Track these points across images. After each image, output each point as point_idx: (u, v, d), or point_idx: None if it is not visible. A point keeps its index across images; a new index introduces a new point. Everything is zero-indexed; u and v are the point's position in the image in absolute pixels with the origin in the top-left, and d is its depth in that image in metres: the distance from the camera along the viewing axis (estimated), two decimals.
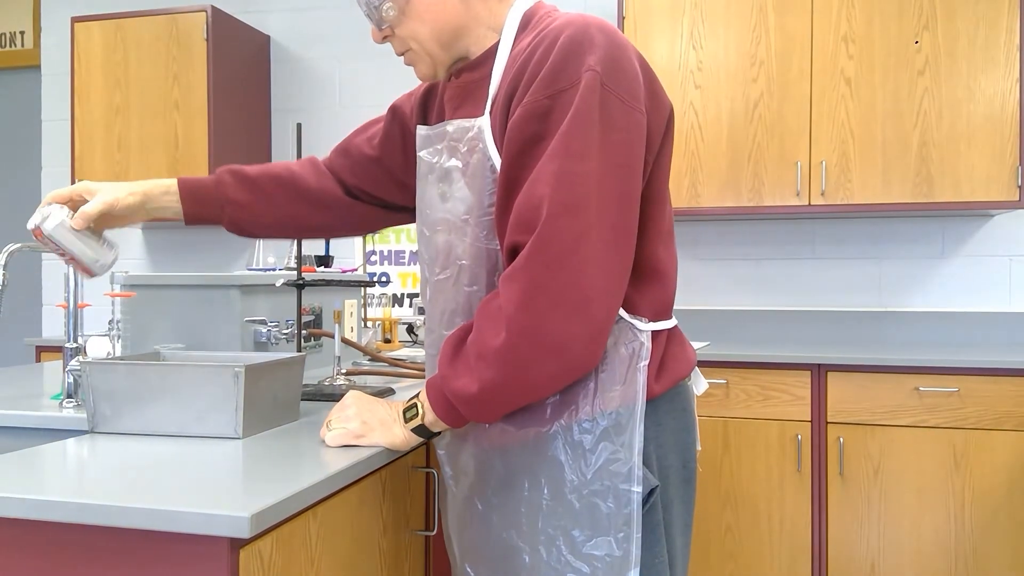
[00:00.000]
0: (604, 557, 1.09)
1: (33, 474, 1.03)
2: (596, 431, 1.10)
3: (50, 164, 4.24)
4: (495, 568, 1.18)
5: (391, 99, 3.80)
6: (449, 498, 1.28)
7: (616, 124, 1.05)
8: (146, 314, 1.83)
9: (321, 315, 2.19)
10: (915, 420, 2.73)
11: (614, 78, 1.06)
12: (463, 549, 1.25)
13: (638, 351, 1.12)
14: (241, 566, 0.89)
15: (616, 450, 1.10)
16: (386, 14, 1.20)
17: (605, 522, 1.09)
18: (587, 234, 1.02)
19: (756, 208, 3.12)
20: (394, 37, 1.23)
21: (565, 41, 1.06)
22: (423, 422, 1.15)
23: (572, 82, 1.05)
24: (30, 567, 0.94)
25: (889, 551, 2.76)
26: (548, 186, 1.02)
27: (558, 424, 1.12)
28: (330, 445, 1.18)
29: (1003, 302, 3.28)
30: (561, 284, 1.01)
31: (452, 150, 1.20)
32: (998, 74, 2.94)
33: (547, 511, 1.12)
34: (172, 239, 4.11)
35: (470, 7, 1.19)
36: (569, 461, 1.11)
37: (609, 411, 1.10)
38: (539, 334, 1.01)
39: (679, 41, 3.17)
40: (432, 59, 1.23)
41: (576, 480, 1.11)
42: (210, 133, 3.57)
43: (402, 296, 3.73)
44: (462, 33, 1.20)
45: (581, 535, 1.10)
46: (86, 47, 3.70)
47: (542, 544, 1.12)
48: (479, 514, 1.20)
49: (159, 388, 1.27)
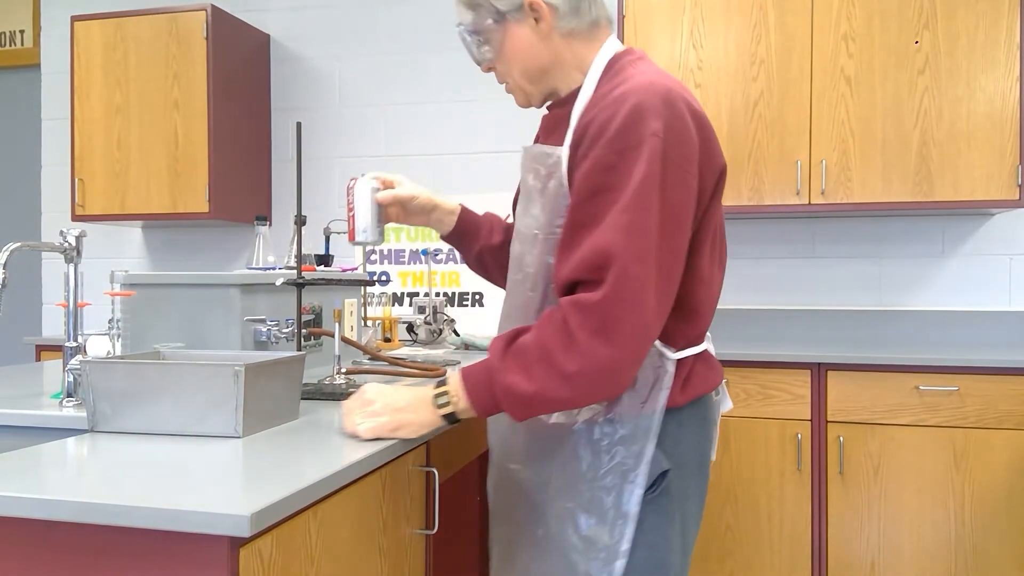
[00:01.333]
0: (600, 543, 1.27)
1: (33, 473, 1.04)
2: (614, 437, 1.28)
3: (50, 163, 4.24)
4: (517, 531, 1.37)
5: (389, 98, 3.82)
6: (488, 461, 1.50)
7: (673, 185, 1.20)
8: (146, 313, 1.83)
9: (321, 314, 2.19)
10: (915, 419, 2.73)
11: (674, 144, 1.20)
12: (496, 506, 1.47)
13: (662, 377, 1.29)
14: (241, 565, 0.89)
15: (627, 456, 1.27)
16: (484, 55, 1.42)
17: (606, 514, 1.27)
18: (650, 279, 1.17)
19: (756, 207, 3.12)
20: (496, 73, 1.45)
21: (634, 105, 1.21)
22: (455, 410, 1.26)
23: (636, 143, 1.19)
24: (30, 566, 0.94)
25: (889, 550, 2.77)
26: (622, 235, 1.17)
27: (583, 424, 1.29)
28: (365, 438, 1.24)
29: (1003, 301, 3.28)
30: (631, 323, 1.16)
31: (535, 172, 1.36)
32: (998, 73, 2.94)
33: (562, 494, 1.30)
34: (172, 238, 4.11)
35: (555, 51, 1.36)
36: (587, 457, 1.29)
37: (628, 422, 1.27)
38: (607, 363, 1.16)
39: (679, 40, 3.17)
40: (524, 92, 1.42)
41: (589, 474, 1.28)
42: (210, 132, 3.57)
43: (402, 295, 3.73)
44: (549, 73, 1.38)
45: (586, 521, 1.28)
46: (86, 46, 3.70)
47: (554, 520, 1.30)
48: (508, 482, 1.41)
49: (159, 387, 1.27)
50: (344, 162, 3.88)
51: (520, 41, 1.37)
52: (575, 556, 1.28)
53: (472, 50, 1.42)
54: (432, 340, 2.84)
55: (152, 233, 4.13)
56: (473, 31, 1.39)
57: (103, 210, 3.71)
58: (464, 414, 1.26)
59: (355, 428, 1.26)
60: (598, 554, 1.27)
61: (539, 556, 1.33)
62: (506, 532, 1.40)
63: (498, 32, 1.38)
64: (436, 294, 3.67)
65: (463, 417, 1.26)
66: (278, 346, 1.90)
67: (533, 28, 1.36)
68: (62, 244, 1.55)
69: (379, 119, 3.84)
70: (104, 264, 4.11)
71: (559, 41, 1.37)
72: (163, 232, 4.12)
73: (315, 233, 3.31)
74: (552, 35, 1.36)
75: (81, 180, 3.71)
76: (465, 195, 3.68)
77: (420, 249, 3.72)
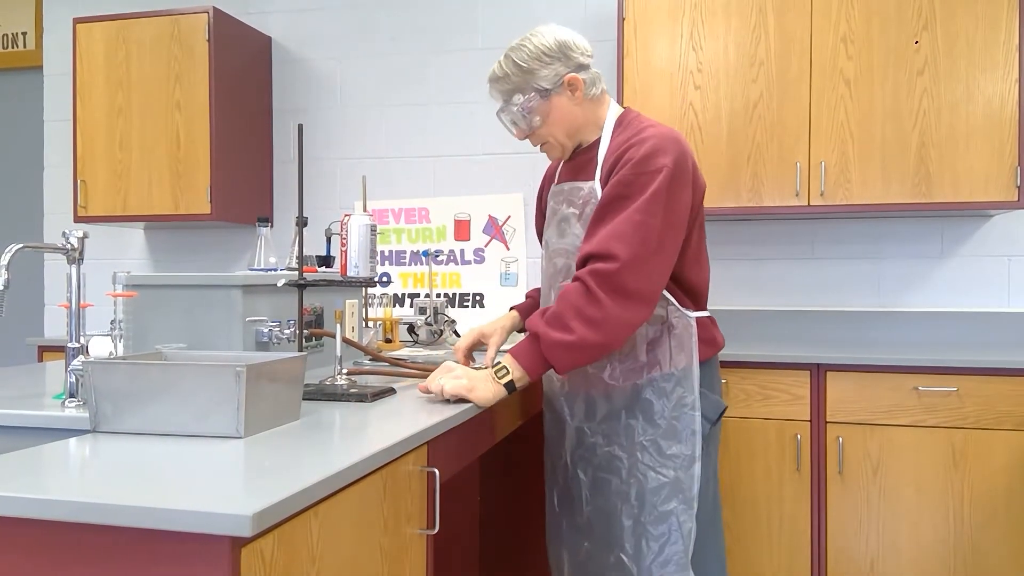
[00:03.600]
0: (680, 455, 1.77)
1: (35, 473, 1.04)
2: (672, 381, 1.79)
3: (52, 164, 4.25)
4: (599, 469, 1.84)
5: (390, 99, 3.83)
6: (565, 428, 1.92)
7: (675, 200, 1.70)
8: (148, 314, 1.84)
9: (322, 315, 2.20)
10: (914, 420, 2.74)
11: (678, 175, 1.71)
12: (574, 460, 1.90)
13: (690, 330, 1.80)
14: (243, 565, 0.90)
15: (685, 392, 1.79)
16: (534, 124, 1.84)
17: (680, 435, 1.78)
18: (653, 259, 1.67)
19: (755, 208, 3.12)
20: (534, 136, 1.87)
21: (653, 145, 1.72)
22: (513, 378, 1.66)
23: (652, 170, 1.68)
24: (32, 566, 0.94)
25: (888, 550, 2.77)
26: (632, 227, 1.66)
27: (647, 376, 1.80)
28: (448, 394, 1.61)
29: (1002, 302, 3.29)
30: (637, 286, 1.65)
31: (570, 202, 1.87)
32: (997, 74, 2.94)
33: (642, 431, 1.79)
34: (174, 239, 4.12)
35: (586, 112, 1.85)
36: (655, 399, 1.79)
37: (680, 367, 1.79)
38: (622, 314, 1.64)
39: (679, 42, 3.18)
40: (563, 148, 1.89)
41: (662, 411, 1.78)
42: (212, 133, 3.58)
43: (403, 296, 3.73)
44: (581, 130, 1.87)
45: (665, 444, 1.78)
46: (88, 48, 3.71)
47: (638, 451, 1.78)
48: (588, 437, 1.87)
49: (161, 387, 1.28)
50: (345, 163, 3.89)
51: (562, 109, 1.82)
52: (663, 471, 1.76)
53: (521, 124, 1.84)
54: (433, 341, 2.85)
55: (154, 234, 4.14)
56: (525, 109, 1.81)
57: (105, 211, 3.72)
58: (520, 381, 1.66)
59: (440, 387, 1.62)
60: (681, 463, 1.77)
61: (629, 481, 1.78)
62: (592, 472, 1.84)
63: (545, 105, 1.82)
64: (437, 295, 3.68)
65: (520, 385, 1.67)
66: (279, 347, 1.91)
67: (570, 98, 1.82)
68: (64, 245, 1.56)
69: (380, 121, 3.85)
70: (106, 265, 4.12)
71: (586, 105, 1.84)
72: (165, 233, 4.13)
73: (316, 234, 3.32)
74: (582, 102, 1.83)
75: (83, 181, 3.72)
76: (466, 196, 3.70)
77: (421, 250, 3.73)
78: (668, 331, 1.80)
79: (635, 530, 1.78)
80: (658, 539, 1.76)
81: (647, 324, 1.79)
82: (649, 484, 1.77)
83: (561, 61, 1.80)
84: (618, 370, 1.81)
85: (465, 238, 3.69)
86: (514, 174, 3.68)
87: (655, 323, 1.80)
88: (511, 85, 1.82)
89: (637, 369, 1.80)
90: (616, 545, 1.81)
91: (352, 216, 1.73)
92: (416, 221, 3.76)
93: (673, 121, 3.17)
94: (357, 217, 1.73)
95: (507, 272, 3.64)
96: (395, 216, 3.78)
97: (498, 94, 1.86)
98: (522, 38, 1.84)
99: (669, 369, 1.78)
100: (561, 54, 1.80)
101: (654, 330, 1.80)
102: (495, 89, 1.86)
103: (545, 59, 1.79)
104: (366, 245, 1.73)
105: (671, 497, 1.77)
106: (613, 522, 1.81)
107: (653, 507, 1.77)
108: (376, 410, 1.56)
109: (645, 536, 1.77)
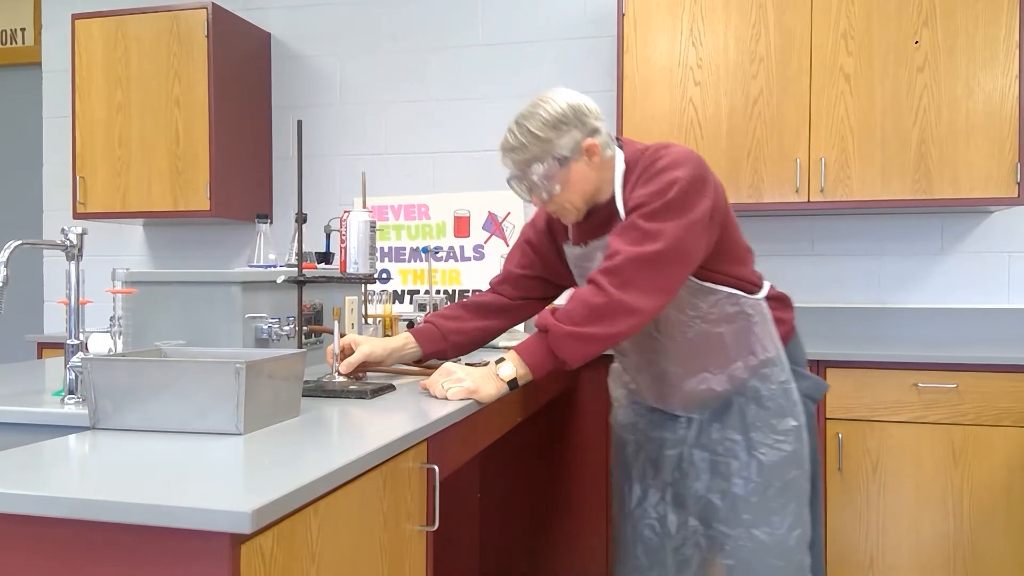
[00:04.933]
0: (792, 428, 1.87)
1: (35, 470, 1.04)
2: (768, 364, 1.88)
3: (51, 161, 4.24)
4: (714, 451, 1.91)
5: (390, 95, 3.82)
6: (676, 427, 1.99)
7: (690, 205, 1.70)
8: (147, 311, 1.84)
9: (322, 311, 2.20)
10: (914, 416, 2.74)
11: (695, 182, 1.71)
12: (690, 453, 1.96)
13: (764, 313, 1.87)
14: (242, 562, 0.90)
15: (780, 371, 1.88)
16: (553, 191, 1.80)
17: (787, 409, 1.87)
18: (663, 256, 1.66)
19: (755, 205, 3.12)
20: (551, 202, 1.83)
21: (665, 163, 1.74)
22: (516, 375, 1.67)
23: (668, 183, 1.69)
24: (31, 563, 0.94)
25: (888, 546, 2.77)
26: (643, 232, 1.68)
27: (746, 368, 1.88)
28: (452, 399, 1.61)
29: (1002, 298, 3.29)
30: (644, 279, 1.66)
31: (597, 260, 1.84)
32: (997, 71, 2.94)
33: (753, 415, 1.88)
34: (173, 236, 4.12)
35: (600, 174, 1.82)
36: (758, 384, 1.88)
37: (771, 350, 1.88)
38: (627, 303, 1.64)
39: (679, 38, 3.17)
40: (578, 211, 1.85)
41: (766, 393, 1.88)
42: (211, 130, 3.58)
43: (402, 293, 3.73)
44: (597, 192, 1.83)
45: (777, 421, 1.87)
46: (87, 44, 3.70)
47: (752, 432, 1.87)
48: (705, 427, 1.94)
49: (160, 384, 1.28)
50: (345, 160, 3.89)
51: (579, 175, 1.79)
52: (780, 445, 1.86)
53: (541, 193, 1.81)
54: None
55: (153, 231, 4.14)
56: (544, 178, 1.78)
57: (104, 208, 3.72)
58: (524, 379, 1.68)
59: (444, 392, 1.63)
60: (793, 435, 1.87)
61: (749, 462, 1.88)
62: (709, 457, 1.92)
63: (564, 172, 1.78)
64: (436, 292, 3.67)
65: (523, 383, 1.68)
66: (279, 343, 1.91)
67: (587, 163, 1.79)
68: (63, 242, 1.56)
69: (380, 117, 3.85)
70: (105, 262, 4.12)
71: (601, 166, 1.81)
72: (164, 230, 4.13)
73: (316, 231, 3.31)
74: (599, 165, 1.80)
75: (82, 178, 3.72)
76: (466, 192, 3.70)
77: (420, 247, 3.73)
78: (748, 320, 1.86)
79: (763, 504, 1.86)
80: (783, 508, 1.86)
81: (728, 323, 1.84)
82: (768, 459, 1.86)
83: (577, 127, 1.77)
84: (724, 377, 1.89)
85: (465, 235, 3.69)
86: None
87: (737, 320, 1.85)
88: (528, 155, 1.78)
89: (738, 367, 1.88)
90: (743, 522, 1.88)
91: (351, 212, 1.73)
92: (416, 217, 3.76)
93: (673, 117, 3.17)
94: (356, 213, 1.73)
95: None
96: (395, 212, 3.78)
97: (512, 164, 1.81)
98: (532, 104, 1.80)
99: (763, 356, 1.87)
100: (577, 120, 1.77)
101: (738, 326, 1.86)
102: (509, 159, 1.81)
103: (562, 127, 1.77)
104: (365, 242, 1.73)
105: (790, 467, 1.87)
106: (738, 501, 1.88)
107: (777, 479, 1.86)
108: (376, 407, 1.56)
109: (773, 509, 1.86)
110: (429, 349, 1.93)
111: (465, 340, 1.99)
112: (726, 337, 1.86)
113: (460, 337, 1.97)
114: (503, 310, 2.05)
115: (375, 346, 1.85)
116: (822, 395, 1.99)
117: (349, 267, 1.73)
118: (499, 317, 2.04)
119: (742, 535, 1.87)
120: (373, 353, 1.84)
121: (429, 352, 1.93)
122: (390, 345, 1.88)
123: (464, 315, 2.00)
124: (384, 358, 1.87)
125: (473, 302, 2.04)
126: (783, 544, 1.86)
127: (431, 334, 1.95)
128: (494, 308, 2.04)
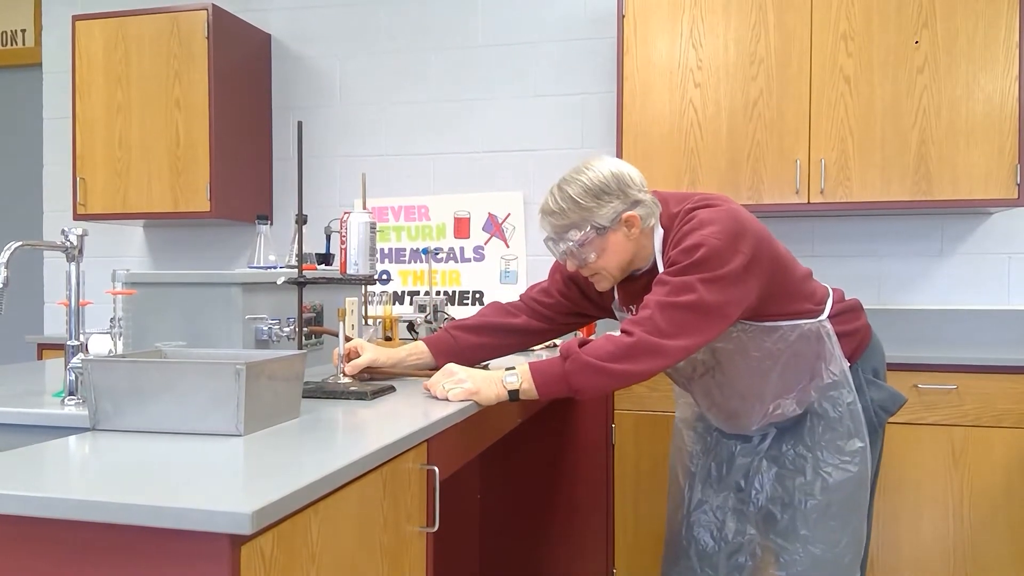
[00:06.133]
0: (858, 449, 1.87)
1: (35, 471, 1.04)
2: (836, 387, 1.87)
3: (51, 162, 4.24)
4: (783, 464, 1.92)
5: (390, 97, 3.82)
6: (749, 446, 2.00)
7: (718, 262, 1.67)
8: (148, 312, 1.84)
9: (322, 313, 2.20)
10: (914, 417, 2.74)
11: (725, 240, 1.68)
12: (761, 466, 1.97)
13: (826, 334, 1.86)
14: (242, 563, 0.90)
15: (848, 392, 1.87)
16: (587, 259, 1.80)
17: (854, 431, 1.87)
18: (693, 307, 1.65)
19: (755, 206, 3.12)
20: (586, 268, 1.84)
21: (692, 225, 1.73)
22: (519, 388, 1.66)
23: (695, 245, 1.68)
24: (31, 564, 0.94)
25: (887, 548, 2.77)
26: (687, 284, 1.66)
27: (815, 390, 1.87)
28: (453, 400, 1.62)
29: (1001, 300, 3.29)
30: (668, 325, 1.64)
31: None
32: (997, 72, 2.94)
33: (821, 435, 1.88)
34: (173, 237, 4.12)
35: (638, 244, 1.82)
36: (828, 406, 1.88)
37: (837, 372, 1.87)
38: (655, 344, 1.63)
39: (679, 39, 3.18)
40: (613, 278, 1.86)
41: (834, 415, 1.88)
42: (211, 131, 3.58)
43: (403, 294, 3.73)
44: (634, 261, 1.84)
45: (844, 443, 1.87)
46: (87, 45, 3.71)
47: (819, 451, 1.88)
48: (779, 447, 1.94)
49: (161, 385, 1.28)
50: (345, 161, 3.89)
51: (616, 245, 1.79)
52: (846, 466, 1.86)
53: (575, 259, 1.81)
54: None
55: (153, 232, 4.14)
56: (580, 244, 1.78)
57: (104, 209, 3.72)
58: (526, 394, 1.66)
59: (445, 393, 1.63)
60: (856, 455, 1.86)
61: (814, 479, 1.88)
62: (778, 471, 1.93)
63: (601, 241, 1.79)
64: (437, 293, 3.67)
65: (524, 397, 1.67)
66: (279, 345, 1.91)
67: (626, 234, 1.79)
68: (64, 243, 1.56)
69: (380, 118, 3.85)
70: (106, 263, 4.11)
71: (640, 236, 1.81)
72: (164, 231, 4.13)
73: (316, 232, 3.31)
74: (638, 235, 1.80)
75: (82, 179, 3.72)
76: (466, 194, 3.70)
77: (421, 248, 3.73)
78: (811, 344, 1.85)
79: (823, 523, 1.87)
80: (843, 527, 1.87)
81: (793, 351, 1.84)
82: (834, 480, 1.86)
83: (619, 198, 1.77)
84: (794, 400, 1.89)
85: (465, 236, 3.69)
86: (514, 172, 3.68)
87: (801, 344, 1.85)
88: (567, 221, 1.78)
89: (807, 389, 1.88)
90: (801, 538, 1.89)
91: (352, 214, 1.73)
92: (416, 219, 3.76)
93: (673, 119, 3.17)
94: (357, 215, 1.73)
95: (507, 270, 3.64)
96: (395, 214, 3.78)
97: (550, 227, 1.82)
98: (575, 170, 1.81)
99: (829, 379, 1.86)
100: (620, 191, 1.77)
101: (803, 351, 1.85)
102: (547, 222, 1.82)
103: (604, 197, 1.77)
104: (366, 243, 1.73)
105: (853, 488, 1.88)
106: (797, 516, 1.88)
107: (839, 499, 1.86)
108: (376, 408, 1.56)
109: (832, 528, 1.87)
110: (443, 362, 1.91)
111: (481, 356, 2.00)
112: (793, 365, 1.86)
113: (477, 353, 1.98)
114: (529, 332, 2.04)
115: (379, 354, 1.88)
116: (898, 407, 1.97)
117: (349, 268, 1.73)
118: (522, 338, 2.05)
119: (798, 550, 1.88)
120: (377, 360, 1.87)
121: (442, 364, 1.91)
122: (395, 356, 1.91)
123: (485, 334, 2.00)
124: (391, 366, 1.90)
125: (502, 324, 2.02)
126: (838, 562, 1.87)
127: (447, 346, 1.95)
128: (519, 331, 2.03)
